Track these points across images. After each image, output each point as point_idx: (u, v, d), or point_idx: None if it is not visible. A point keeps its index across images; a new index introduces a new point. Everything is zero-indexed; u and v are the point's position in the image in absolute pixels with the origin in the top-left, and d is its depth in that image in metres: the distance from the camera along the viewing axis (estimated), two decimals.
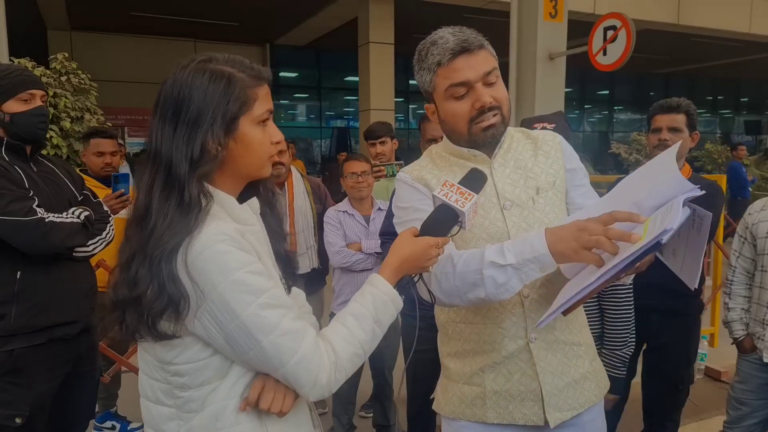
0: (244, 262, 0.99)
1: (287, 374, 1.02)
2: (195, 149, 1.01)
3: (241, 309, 0.98)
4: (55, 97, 4.46)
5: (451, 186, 1.17)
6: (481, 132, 1.34)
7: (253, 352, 1.00)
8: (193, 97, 1.02)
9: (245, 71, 1.07)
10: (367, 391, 3.40)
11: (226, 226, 1.01)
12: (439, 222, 1.18)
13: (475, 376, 1.43)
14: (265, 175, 1.13)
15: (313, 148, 16.23)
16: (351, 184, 3.02)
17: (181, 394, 1.04)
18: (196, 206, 1.00)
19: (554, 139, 1.48)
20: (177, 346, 1.02)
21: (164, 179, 1.02)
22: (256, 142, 1.07)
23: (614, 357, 1.99)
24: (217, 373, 1.04)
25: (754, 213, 2.42)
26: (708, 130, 20.86)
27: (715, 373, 4.04)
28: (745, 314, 2.46)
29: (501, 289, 1.22)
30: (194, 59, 1.06)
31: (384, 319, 1.13)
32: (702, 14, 10.57)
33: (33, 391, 1.98)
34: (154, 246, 0.98)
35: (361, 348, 1.10)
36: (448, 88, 1.33)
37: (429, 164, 1.47)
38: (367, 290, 1.15)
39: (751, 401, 2.41)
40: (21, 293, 1.93)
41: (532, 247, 1.18)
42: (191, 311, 0.98)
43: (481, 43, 1.33)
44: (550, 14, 5.46)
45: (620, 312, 1.98)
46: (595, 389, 1.48)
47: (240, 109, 1.04)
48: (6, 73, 2.00)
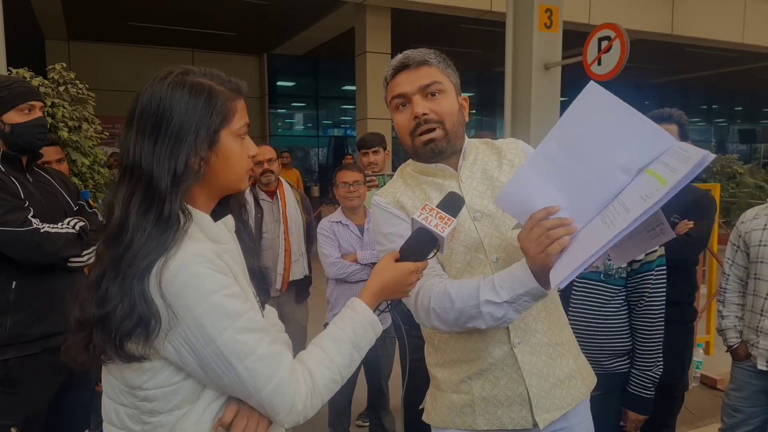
0: (221, 284, 0.96)
1: (263, 401, 0.99)
2: (179, 164, 0.98)
3: (218, 334, 0.94)
4: (53, 107, 4.46)
5: (431, 210, 1.19)
6: (422, 145, 1.40)
7: (228, 378, 0.97)
8: (174, 110, 1.00)
9: (224, 84, 1.06)
10: (362, 401, 3.39)
11: (204, 246, 0.98)
12: (419, 246, 1.20)
13: (463, 384, 1.45)
14: (242, 188, 1.12)
15: (310, 156, 16.24)
16: (343, 194, 3.05)
17: (150, 420, 1.00)
18: (174, 224, 0.97)
19: (517, 147, 1.53)
20: (148, 370, 0.98)
21: (143, 194, 0.98)
22: (235, 155, 1.06)
23: (645, 378, 1.96)
24: (189, 397, 1.00)
25: (746, 221, 2.44)
26: (702, 139, 20.94)
27: (710, 381, 4.04)
28: (738, 322, 2.47)
29: (500, 322, 1.28)
30: (171, 72, 1.05)
31: (363, 344, 1.12)
32: (695, 24, 10.65)
33: (28, 400, 1.98)
34: (128, 263, 0.94)
35: (339, 373, 1.07)
36: (391, 101, 1.43)
37: (402, 185, 1.50)
38: (347, 314, 1.13)
39: (746, 408, 2.42)
40: (16, 303, 1.93)
41: (521, 282, 1.22)
42: (161, 333, 0.94)
43: (424, 60, 1.39)
44: (545, 25, 5.50)
45: (652, 332, 1.95)
46: (582, 386, 1.51)
47: (221, 122, 1.03)
48: (6, 84, 2.01)
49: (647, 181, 1.07)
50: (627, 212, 1.06)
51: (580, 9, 9.22)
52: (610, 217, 1.10)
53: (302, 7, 9.98)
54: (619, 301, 1.97)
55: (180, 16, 10.62)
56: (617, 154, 1.11)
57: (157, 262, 0.94)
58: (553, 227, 1.13)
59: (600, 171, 1.13)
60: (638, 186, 1.09)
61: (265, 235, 3.34)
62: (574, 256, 1.12)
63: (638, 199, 1.05)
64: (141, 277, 0.93)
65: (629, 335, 2.00)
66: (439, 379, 1.53)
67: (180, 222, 0.98)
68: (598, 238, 1.08)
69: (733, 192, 9.99)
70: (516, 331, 1.41)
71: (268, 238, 3.33)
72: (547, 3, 5.53)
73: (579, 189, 1.15)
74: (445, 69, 1.42)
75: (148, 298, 0.93)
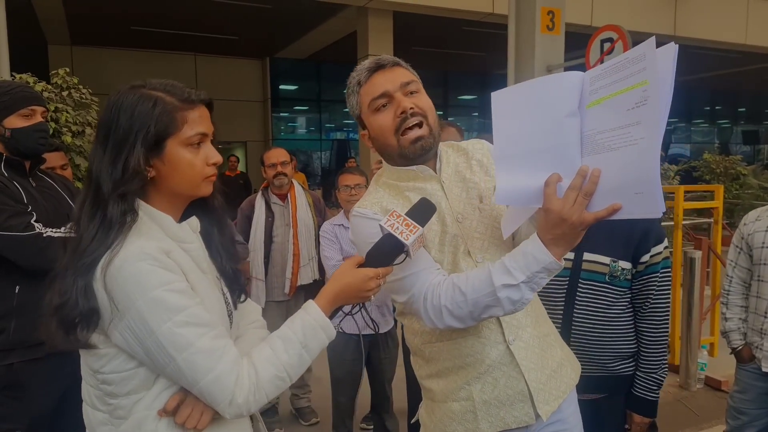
0: (163, 280, 1.03)
1: (202, 391, 1.05)
2: (117, 170, 1.06)
3: (157, 326, 1.01)
4: (57, 112, 4.48)
5: (398, 217, 1.21)
6: (409, 144, 1.37)
7: (170, 368, 1.04)
8: (120, 118, 1.08)
9: (176, 95, 1.11)
10: (366, 403, 3.39)
11: (149, 244, 1.04)
12: (385, 251, 1.22)
13: (461, 391, 1.43)
14: (201, 194, 1.17)
15: (313, 160, 16.27)
16: (345, 197, 3.05)
17: (111, 402, 1.09)
18: (116, 224, 1.04)
19: (483, 146, 1.53)
20: (103, 356, 1.06)
21: (93, 197, 1.08)
22: (184, 163, 1.11)
23: (650, 380, 1.95)
24: (143, 383, 1.08)
25: (749, 223, 2.44)
26: (706, 140, 20.92)
27: (714, 383, 4.02)
28: (742, 324, 2.46)
29: (517, 305, 1.26)
30: (130, 85, 1.13)
31: (312, 346, 1.15)
32: (699, 26, 10.64)
33: (32, 405, 1.98)
34: (78, 258, 1.04)
35: (285, 371, 1.11)
36: (370, 103, 1.38)
37: (385, 194, 1.45)
38: (299, 315, 1.18)
39: (750, 411, 2.41)
40: (20, 307, 1.94)
41: (536, 259, 1.20)
42: (104, 323, 1.03)
43: (396, 62, 1.41)
44: (547, 27, 5.51)
45: (657, 334, 1.95)
46: (572, 373, 1.53)
47: (165, 130, 1.09)
48: (8, 89, 2.02)
49: (615, 102, 1.11)
50: (638, 124, 1.07)
51: (583, 11, 9.22)
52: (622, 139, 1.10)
53: (305, 11, 10.01)
54: (624, 302, 1.96)
55: (183, 20, 10.66)
56: (553, 112, 1.18)
57: (102, 259, 1.02)
58: (577, 185, 1.14)
59: (554, 132, 1.18)
60: (613, 113, 1.11)
61: (275, 239, 3.34)
62: (622, 187, 1.11)
63: (633, 111, 1.08)
64: (86, 271, 1.02)
65: (634, 337, 1.99)
66: (434, 391, 1.50)
67: (125, 222, 1.05)
68: (637, 159, 1.07)
69: (736, 193, 9.95)
70: (509, 328, 1.41)
71: (278, 242, 3.33)
72: (549, 5, 5.54)
73: (554, 154, 1.19)
74: (413, 71, 1.43)
75: (89, 292, 1.01)
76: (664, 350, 1.97)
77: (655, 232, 1.95)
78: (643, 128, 1.06)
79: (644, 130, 1.06)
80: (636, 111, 1.07)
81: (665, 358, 1.97)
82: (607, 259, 1.91)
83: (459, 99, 17.64)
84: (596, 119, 1.15)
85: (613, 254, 1.91)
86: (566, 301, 1.95)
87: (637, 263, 1.93)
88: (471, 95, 17.69)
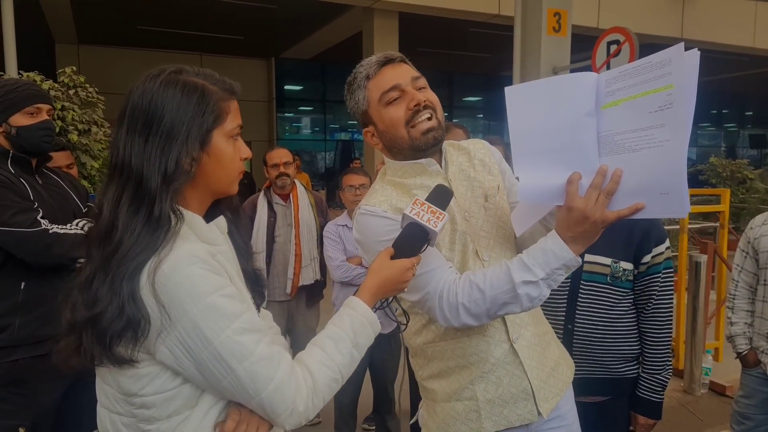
0: (217, 285, 0.94)
1: (263, 403, 0.96)
2: (169, 163, 0.96)
3: (215, 335, 0.92)
4: (63, 111, 4.50)
5: (422, 204, 1.18)
6: (421, 136, 1.37)
7: (227, 381, 0.95)
8: (165, 108, 0.98)
9: (217, 84, 1.05)
10: (368, 404, 3.39)
11: (197, 247, 0.97)
12: (412, 241, 1.19)
13: (465, 391, 1.43)
14: (233, 192, 1.10)
15: (318, 160, 16.28)
16: (349, 197, 3.06)
17: (148, 427, 0.97)
18: (165, 224, 0.95)
19: (484, 146, 1.54)
20: (144, 376, 0.95)
21: (133, 193, 0.96)
22: (227, 157, 1.04)
23: (654, 381, 1.94)
24: (187, 402, 0.98)
25: (755, 227, 2.42)
26: (713, 143, 20.85)
27: (719, 388, 4.00)
28: (748, 328, 2.45)
29: (535, 302, 1.27)
30: (164, 70, 1.03)
31: (362, 342, 1.11)
32: (706, 28, 10.60)
33: (36, 401, 1.99)
34: (118, 263, 0.92)
35: (339, 372, 1.06)
36: (381, 96, 1.37)
37: (392, 192, 1.43)
38: (346, 313, 1.12)
39: (755, 416, 2.40)
40: (25, 304, 1.94)
41: (555, 256, 1.21)
42: (152, 335, 0.92)
43: (402, 58, 1.41)
44: (553, 29, 5.50)
45: (661, 335, 1.94)
46: (567, 371, 1.54)
47: (214, 122, 1.01)
48: (14, 87, 2.03)
49: (636, 105, 1.11)
50: (662, 126, 1.08)
51: (589, 13, 9.20)
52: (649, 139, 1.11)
53: (310, 11, 10.02)
54: (626, 304, 1.96)
55: (188, 19, 10.70)
56: (571, 111, 1.18)
57: (148, 263, 0.92)
58: (599, 184, 1.15)
59: (572, 131, 1.19)
60: (634, 115, 1.12)
61: (278, 239, 3.34)
62: (648, 187, 1.12)
63: (657, 114, 1.08)
64: (131, 277, 0.91)
65: (638, 339, 1.98)
66: (436, 391, 1.49)
67: (171, 222, 0.96)
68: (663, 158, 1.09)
69: (743, 197, 9.90)
70: (513, 326, 1.42)
71: (280, 242, 3.34)
72: (555, 7, 5.53)
73: (572, 153, 1.19)
74: (415, 70, 1.43)
75: (137, 299, 0.91)
76: (668, 351, 1.96)
77: (656, 232, 1.94)
78: (668, 131, 1.07)
79: (669, 132, 1.07)
80: (660, 114, 1.08)
81: (669, 358, 1.96)
82: (607, 260, 1.91)
83: (464, 100, 17.64)
84: (614, 120, 1.16)
85: (614, 255, 1.91)
86: (568, 303, 1.95)
87: (638, 264, 1.92)
88: (476, 97, 17.68)
